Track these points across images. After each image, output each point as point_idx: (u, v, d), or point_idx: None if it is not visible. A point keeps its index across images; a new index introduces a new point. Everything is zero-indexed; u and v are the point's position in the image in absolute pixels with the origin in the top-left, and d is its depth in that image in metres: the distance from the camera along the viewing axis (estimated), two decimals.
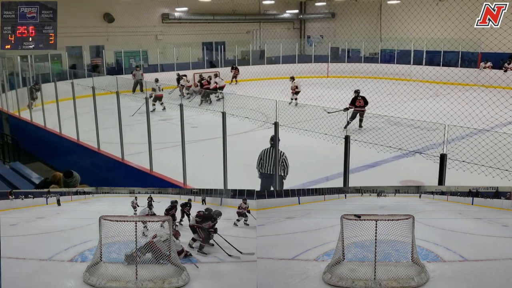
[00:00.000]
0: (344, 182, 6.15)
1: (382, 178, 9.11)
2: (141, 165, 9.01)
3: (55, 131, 12.27)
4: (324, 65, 28.16)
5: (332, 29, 31.26)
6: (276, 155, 6.63)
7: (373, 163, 9.73)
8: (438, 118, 11.45)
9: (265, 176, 7.12)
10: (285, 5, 31.18)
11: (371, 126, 9.59)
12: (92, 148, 10.46)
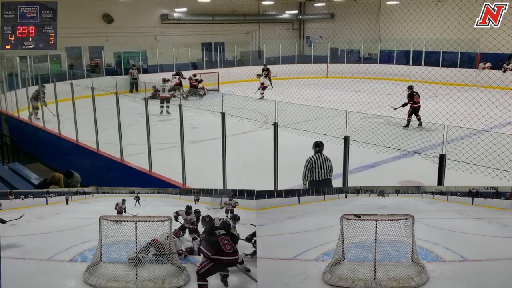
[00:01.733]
0: (343, 182, 6.16)
1: (382, 179, 9.11)
2: (141, 166, 9.01)
3: (55, 132, 12.26)
4: (323, 66, 28.17)
5: (331, 29, 31.28)
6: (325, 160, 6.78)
7: (373, 164, 9.74)
8: (438, 119, 11.46)
9: (318, 184, 6.89)
10: (285, 5, 31.19)
11: (371, 126, 9.60)
12: (92, 149, 10.46)
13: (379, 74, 24.42)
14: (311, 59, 28.55)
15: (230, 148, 7.39)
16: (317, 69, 27.51)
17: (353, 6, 27.88)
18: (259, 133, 10.92)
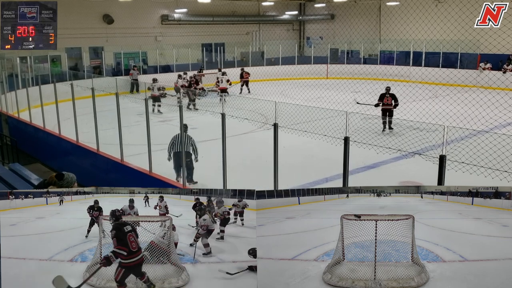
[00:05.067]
0: (343, 183, 6.15)
1: (382, 179, 9.11)
2: (141, 166, 9.01)
3: (54, 133, 12.26)
4: (323, 66, 28.19)
5: (331, 30, 31.30)
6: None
7: (373, 164, 9.74)
8: (438, 119, 11.46)
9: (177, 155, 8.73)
10: (285, 6, 31.21)
11: (372, 127, 9.61)
12: (92, 149, 10.46)
13: (379, 75, 24.44)
14: (311, 59, 28.57)
15: (230, 148, 7.40)
16: (317, 70, 27.53)
17: (353, 7, 27.90)
18: (259, 134, 10.93)
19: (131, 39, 24.62)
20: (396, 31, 23.36)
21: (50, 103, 12.77)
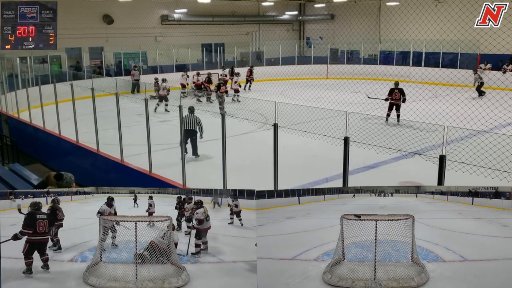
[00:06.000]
0: (343, 183, 6.15)
1: (382, 180, 9.10)
2: (141, 167, 9.00)
3: (54, 133, 12.26)
4: (323, 67, 28.19)
5: (331, 30, 31.29)
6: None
7: (373, 165, 9.73)
8: (437, 120, 11.46)
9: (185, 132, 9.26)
10: (285, 6, 31.20)
11: (372, 127, 9.61)
12: (92, 150, 10.46)
13: (379, 75, 24.43)
14: (311, 60, 28.56)
15: (230, 148, 7.39)
16: (317, 70, 27.53)
17: (353, 7, 27.89)
18: (259, 134, 10.92)
19: (131, 39, 24.60)
20: (396, 31, 23.35)
21: (50, 103, 12.76)
